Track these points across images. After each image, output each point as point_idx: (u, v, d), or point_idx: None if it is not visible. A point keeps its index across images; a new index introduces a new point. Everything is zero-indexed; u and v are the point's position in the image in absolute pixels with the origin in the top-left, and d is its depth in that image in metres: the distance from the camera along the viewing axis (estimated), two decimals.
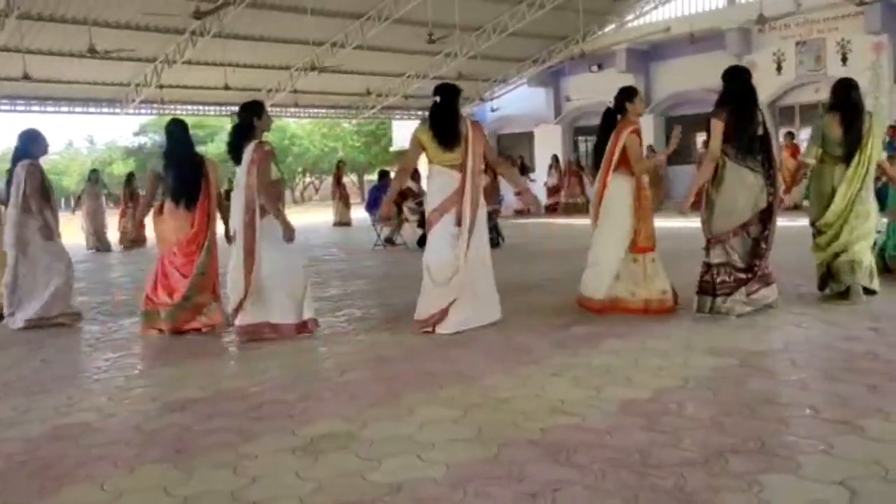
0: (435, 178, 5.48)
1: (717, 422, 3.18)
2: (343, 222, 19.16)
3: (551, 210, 19.96)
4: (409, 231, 12.54)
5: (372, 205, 13.53)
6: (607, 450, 2.93)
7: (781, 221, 5.72)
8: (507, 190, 14.49)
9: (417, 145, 5.47)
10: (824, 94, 17.90)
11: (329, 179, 34.40)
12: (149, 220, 6.45)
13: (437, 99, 5.42)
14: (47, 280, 6.34)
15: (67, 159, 50.54)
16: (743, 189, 5.23)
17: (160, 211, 5.88)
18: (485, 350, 4.76)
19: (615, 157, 5.56)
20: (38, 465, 3.12)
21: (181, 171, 5.81)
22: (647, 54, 21.47)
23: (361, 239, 14.05)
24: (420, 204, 13.22)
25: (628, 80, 21.71)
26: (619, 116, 5.68)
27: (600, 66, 22.16)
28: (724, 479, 2.60)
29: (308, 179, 46.83)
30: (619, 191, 5.59)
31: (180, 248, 5.78)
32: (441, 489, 2.66)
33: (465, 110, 26.60)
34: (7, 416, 3.85)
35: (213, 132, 44.68)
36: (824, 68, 17.68)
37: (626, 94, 5.68)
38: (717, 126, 5.21)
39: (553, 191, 20.61)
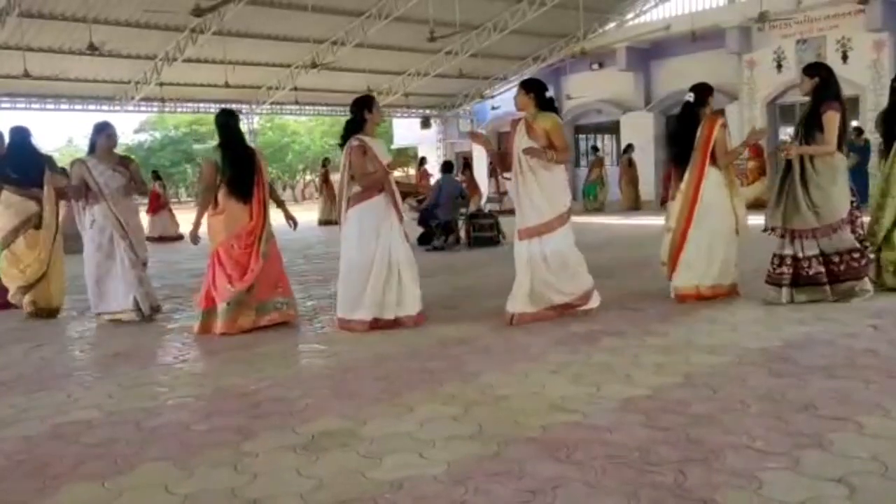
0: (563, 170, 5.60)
1: (717, 419, 3.19)
2: (330, 220, 18.40)
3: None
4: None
5: None
6: (607, 447, 2.94)
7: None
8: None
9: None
10: None
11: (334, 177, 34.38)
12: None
13: None
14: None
15: (67, 156, 50.52)
16: (846, 181, 5.43)
17: (214, 204, 5.78)
18: (485, 348, 4.76)
19: (709, 150, 5.67)
20: (37, 464, 3.12)
21: (239, 162, 5.78)
22: (648, 52, 21.47)
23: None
24: (420, 202, 13.23)
25: (628, 78, 21.78)
26: (700, 110, 5.79)
27: (601, 65, 22.18)
28: (724, 476, 2.61)
29: (309, 177, 46.84)
30: (716, 182, 5.72)
31: (239, 241, 5.71)
32: (441, 486, 2.66)
33: (466, 108, 26.66)
34: (7, 415, 3.85)
35: (213, 129, 44.69)
36: None
37: (709, 89, 5.91)
38: (835, 118, 5.34)
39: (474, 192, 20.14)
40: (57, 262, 6.74)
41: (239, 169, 5.75)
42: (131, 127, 46.01)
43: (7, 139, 6.81)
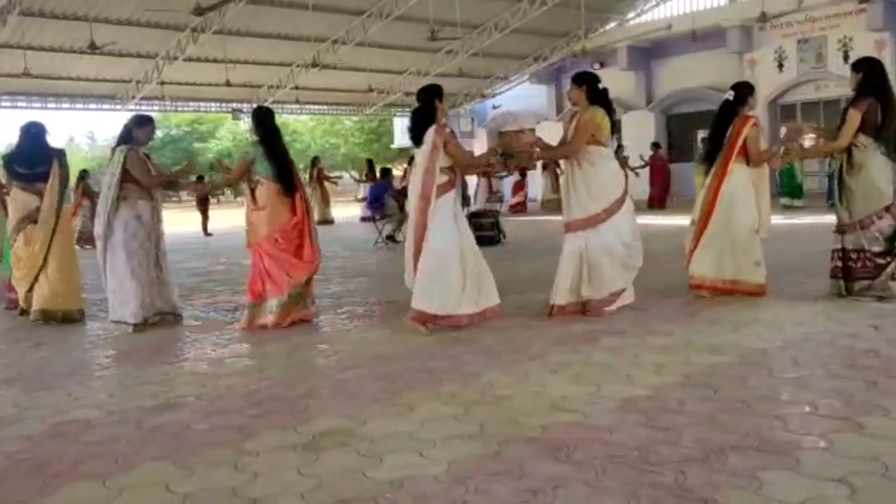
0: (612, 160, 5.60)
1: (717, 419, 3.19)
2: (324, 220, 18.52)
3: (515, 209, 19.30)
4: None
5: (373, 202, 13.54)
6: (607, 446, 2.94)
7: (786, 220, 5.76)
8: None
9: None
10: (826, 92, 18.08)
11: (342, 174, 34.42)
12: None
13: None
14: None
15: (68, 155, 50.59)
16: (883, 175, 5.43)
17: (254, 201, 5.76)
18: (485, 348, 4.76)
19: (737, 148, 5.72)
20: (38, 463, 3.12)
21: (280, 157, 5.78)
22: (649, 52, 21.49)
23: (363, 236, 14.07)
24: None
25: (630, 77, 21.79)
26: (739, 109, 5.84)
27: (602, 64, 22.16)
28: (724, 476, 2.61)
29: (305, 177, 46.85)
30: (742, 178, 5.77)
31: (283, 235, 5.70)
32: (442, 486, 2.66)
33: (467, 107, 26.66)
34: (8, 414, 3.85)
35: (213, 128, 44.78)
36: (826, 66, 17.69)
37: (749, 88, 5.97)
38: (854, 116, 5.37)
39: (517, 188, 19.88)
40: (61, 260, 6.42)
41: (283, 164, 5.76)
42: None
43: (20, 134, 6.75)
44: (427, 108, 5.36)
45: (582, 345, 4.67)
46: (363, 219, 18.02)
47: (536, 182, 20.46)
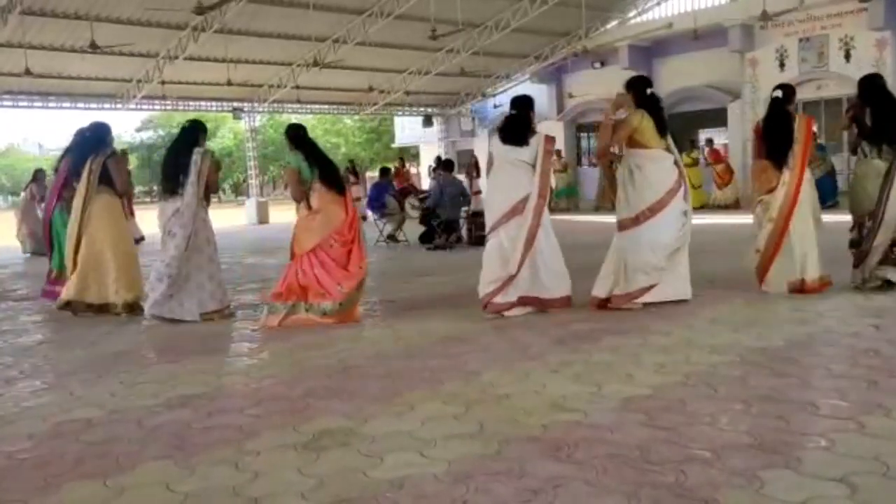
0: (660, 161, 5.70)
1: (718, 418, 3.18)
2: None
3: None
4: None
5: (374, 201, 13.54)
6: (608, 446, 2.94)
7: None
8: None
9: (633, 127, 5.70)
10: (827, 91, 18.06)
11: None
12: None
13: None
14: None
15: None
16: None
17: (307, 206, 5.85)
18: (485, 347, 4.76)
19: (809, 146, 5.89)
20: (39, 462, 3.12)
21: (321, 158, 6.00)
22: (650, 51, 21.44)
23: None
24: (422, 200, 13.23)
25: (631, 76, 21.73)
26: (788, 107, 5.99)
27: (602, 63, 22.15)
28: (725, 475, 2.60)
29: None
30: (808, 178, 5.92)
31: (340, 237, 5.79)
32: (442, 485, 2.66)
33: (468, 106, 26.64)
34: (9, 413, 3.86)
35: (215, 127, 44.77)
36: (827, 65, 17.65)
37: (792, 88, 6.17)
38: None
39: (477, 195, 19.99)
40: (94, 251, 6.42)
41: (325, 164, 5.96)
42: (133, 125, 46.15)
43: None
44: (525, 116, 5.85)
45: (583, 344, 4.67)
46: (363, 217, 18.22)
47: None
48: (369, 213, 14.80)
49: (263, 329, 5.70)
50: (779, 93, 5.99)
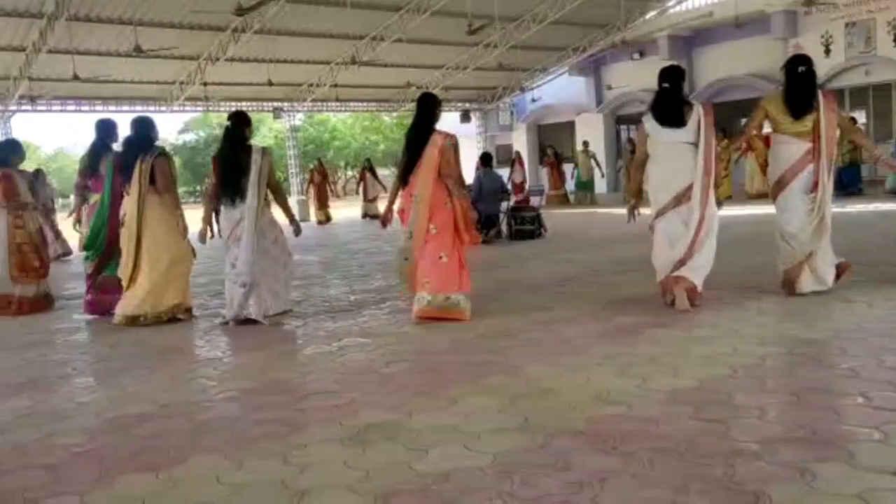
0: (783, 146, 5.55)
1: (767, 411, 3.13)
2: (372, 215, 18.86)
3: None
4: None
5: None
6: (654, 439, 2.91)
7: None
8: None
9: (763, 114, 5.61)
10: (875, 77, 17.57)
11: (390, 171, 34.56)
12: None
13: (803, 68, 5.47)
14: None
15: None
16: None
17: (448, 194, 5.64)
18: (528, 341, 4.75)
19: None
20: (94, 456, 3.21)
21: (407, 149, 5.80)
22: (690, 40, 21.15)
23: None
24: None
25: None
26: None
27: (642, 54, 21.92)
28: (775, 468, 2.56)
29: (350, 173, 47.22)
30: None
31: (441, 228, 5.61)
32: (488, 478, 2.67)
33: (506, 100, 26.58)
34: (64, 409, 3.97)
35: (255, 127, 45.35)
36: (875, 50, 17.22)
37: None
38: None
39: (518, 188, 19.06)
40: (147, 261, 6.24)
41: (409, 154, 5.75)
42: (175, 127, 46.96)
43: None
44: (678, 90, 5.46)
45: (626, 337, 4.63)
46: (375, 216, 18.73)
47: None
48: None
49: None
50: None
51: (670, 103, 5.41)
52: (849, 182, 14.51)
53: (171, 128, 43.62)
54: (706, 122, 5.31)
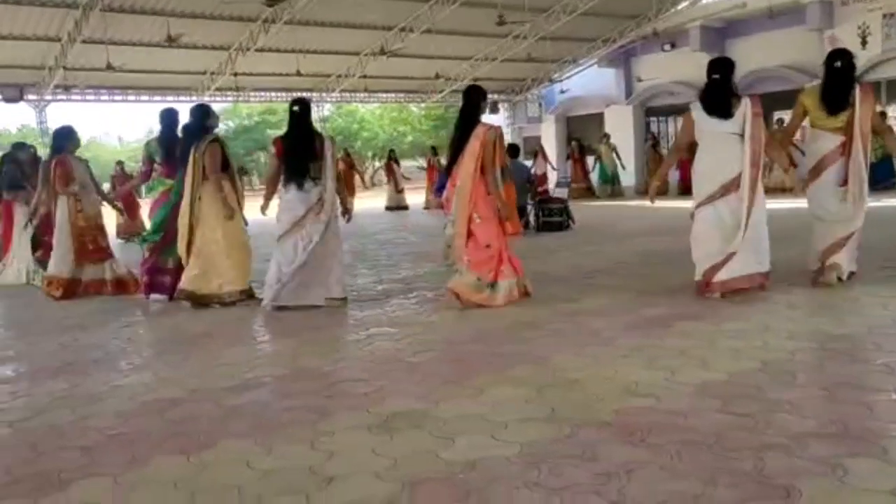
0: (817, 140, 5.62)
1: (798, 405, 3.10)
2: (399, 206, 19.28)
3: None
4: None
5: (442, 188, 13.58)
6: (683, 431, 2.90)
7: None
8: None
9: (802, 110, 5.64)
10: None
11: (417, 163, 34.70)
12: None
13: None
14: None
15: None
16: None
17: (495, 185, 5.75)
18: (555, 332, 4.74)
19: None
20: (126, 439, 3.27)
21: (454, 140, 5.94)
22: (723, 31, 20.83)
23: (430, 223, 14.15)
24: None
25: (702, 58, 21.10)
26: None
27: (673, 45, 21.64)
28: (806, 463, 2.54)
29: (378, 164, 47.30)
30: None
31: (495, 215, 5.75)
32: (515, 467, 2.68)
33: (534, 92, 26.43)
34: (99, 391, 4.04)
35: (283, 118, 45.57)
36: None
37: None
38: None
39: (540, 180, 18.93)
40: (202, 242, 6.35)
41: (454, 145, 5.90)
42: None
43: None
44: (727, 81, 5.49)
45: (654, 329, 4.61)
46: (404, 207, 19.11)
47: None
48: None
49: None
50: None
51: (719, 94, 5.44)
52: (882, 176, 14.25)
53: None
54: (753, 115, 5.33)
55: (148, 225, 7.22)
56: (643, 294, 5.76)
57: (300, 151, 6.03)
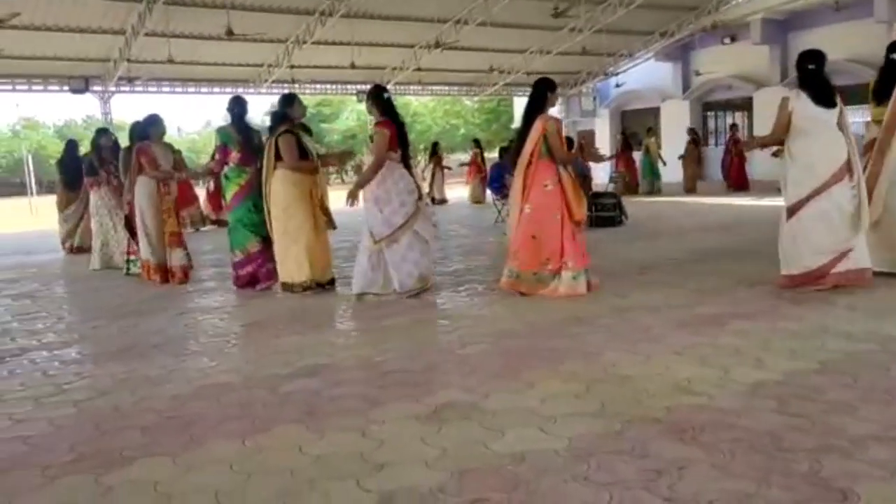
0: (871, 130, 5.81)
1: (857, 407, 3.03)
2: (442, 200, 19.22)
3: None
4: None
5: (494, 181, 13.57)
6: (736, 430, 2.85)
7: None
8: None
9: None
10: None
11: (456, 157, 34.66)
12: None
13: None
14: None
15: (206, 138, 53.55)
16: None
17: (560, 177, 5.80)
18: (605, 328, 4.71)
19: None
20: (183, 421, 3.37)
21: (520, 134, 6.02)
22: (785, 24, 20.29)
23: (479, 216, 14.15)
24: None
25: (763, 52, 20.68)
26: None
27: (733, 38, 21.19)
28: (865, 466, 2.48)
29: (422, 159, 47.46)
30: None
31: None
32: (564, 461, 2.68)
33: (589, 86, 26.13)
34: (156, 375, 4.17)
35: (337, 111, 46.08)
36: None
37: None
38: None
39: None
40: (279, 234, 6.46)
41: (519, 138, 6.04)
42: (262, 109, 48.03)
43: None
44: (824, 72, 5.49)
45: (707, 327, 4.53)
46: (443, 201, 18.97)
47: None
48: (488, 194, 14.88)
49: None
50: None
51: (826, 83, 5.42)
52: None
53: (259, 109, 44.69)
54: (843, 106, 5.41)
55: (227, 217, 7.27)
56: (696, 291, 5.68)
57: (405, 135, 6.16)
